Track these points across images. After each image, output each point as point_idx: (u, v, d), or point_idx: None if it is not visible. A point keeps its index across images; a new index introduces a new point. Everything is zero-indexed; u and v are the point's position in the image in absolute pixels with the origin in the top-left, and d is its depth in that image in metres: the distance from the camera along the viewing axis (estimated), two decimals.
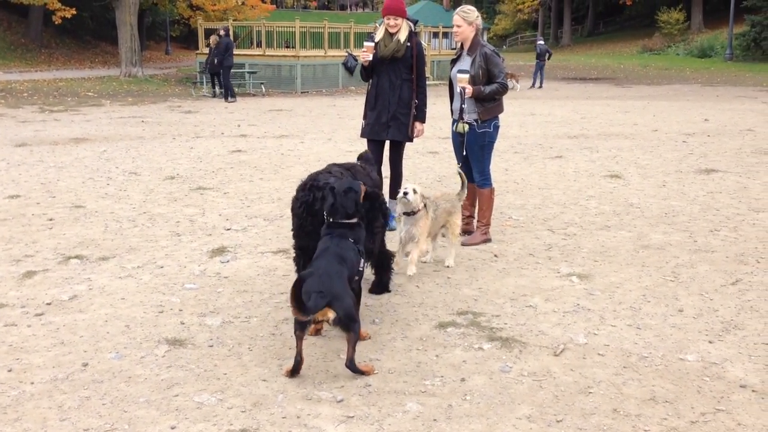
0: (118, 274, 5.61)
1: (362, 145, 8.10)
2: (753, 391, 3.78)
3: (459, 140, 6.54)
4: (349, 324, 3.86)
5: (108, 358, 4.13)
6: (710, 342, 4.38)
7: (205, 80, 24.32)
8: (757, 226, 6.98)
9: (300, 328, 3.84)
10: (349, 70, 7.43)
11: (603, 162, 10.65)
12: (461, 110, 6.35)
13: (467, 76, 6.20)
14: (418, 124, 6.93)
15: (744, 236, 6.66)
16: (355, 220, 4.38)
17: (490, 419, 3.52)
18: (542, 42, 29.45)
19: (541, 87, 27.65)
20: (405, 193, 5.45)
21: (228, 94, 21.14)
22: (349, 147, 12.08)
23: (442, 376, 3.95)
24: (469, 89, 6.19)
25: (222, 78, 21.63)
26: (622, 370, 4.03)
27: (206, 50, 23.68)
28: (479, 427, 3.44)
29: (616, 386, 3.85)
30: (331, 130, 14.66)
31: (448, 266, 5.88)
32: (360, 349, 4.31)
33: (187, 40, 52.23)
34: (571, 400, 3.70)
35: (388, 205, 7.20)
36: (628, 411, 3.59)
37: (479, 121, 6.33)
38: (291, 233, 4.82)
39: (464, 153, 6.44)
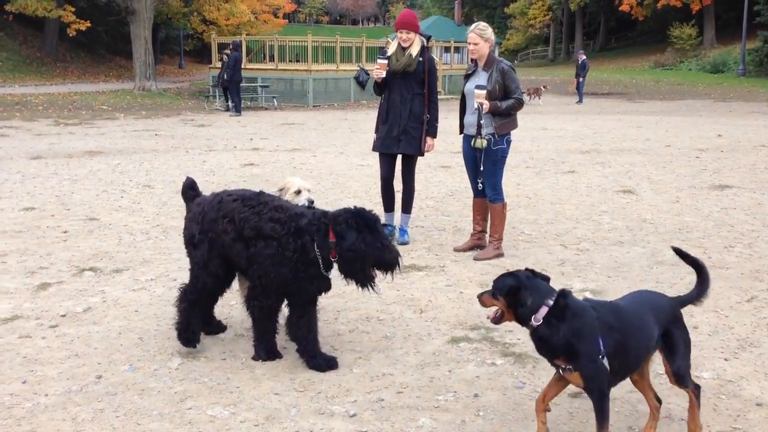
0: (131, 287, 5.64)
1: (374, 159, 8.13)
2: None
3: (472, 155, 6.55)
4: None
5: (122, 371, 4.14)
6: (726, 360, 4.35)
7: (218, 94, 24.50)
8: None
9: None
10: (361, 84, 7.49)
11: (616, 177, 10.62)
12: (479, 126, 6.35)
13: (485, 91, 6.23)
14: (429, 139, 6.95)
15: (759, 253, 6.61)
16: None
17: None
18: (585, 56, 28.92)
19: (580, 102, 27.52)
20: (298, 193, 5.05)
21: (235, 108, 21.28)
22: (361, 161, 12.12)
23: (455, 392, 3.94)
24: (486, 105, 6.21)
25: (229, 92, 21.80)
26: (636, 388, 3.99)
27: (219, 64, 23.86)
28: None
29: (631, 404, 3.82)
30: (342, 143, 14.71)
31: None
32: (372, 363, 4.31)
33: (201, 54, 52.64)
34: (585, 417, 3.67)
35: (402, 219, 7.26)
36: (641, 427, 3.56)
37: (496, 136, 6.34)
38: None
39: (481, 167, 6.45)
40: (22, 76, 32.77)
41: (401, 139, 6.90)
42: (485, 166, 6.42)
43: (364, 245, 3.96)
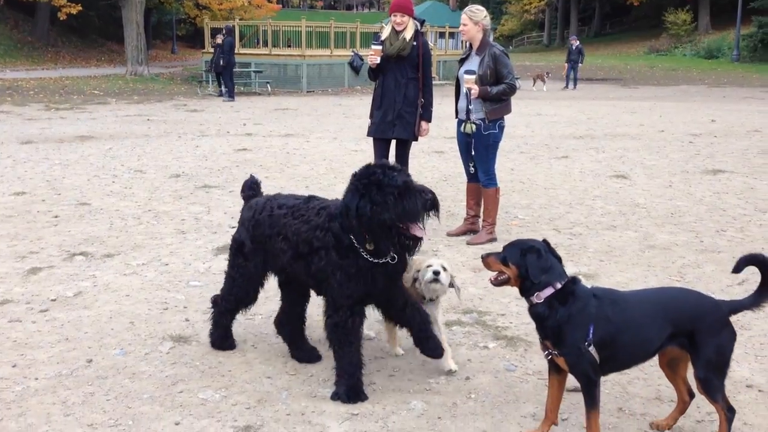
0: (122, 271, 5.62)
1: (368, 144, 8.10)
2: (759, 390, 3.76)
3: (465, 140, 6.53)
4: None
5: (112, 355, 4.12)
6: None
7: (210, 79, 24.36)
8: (764, 227, 6.94)
9: None
10: (355, 69, 7.42)
11: (609, 162, 10.61)
12: (468, 111, 6.33)
13: (474, 76, 6.19)
14: (423, 123, 6.92)
15: (750, 237, 6.62)
16: None
17: (495, 417, 3.50)
18: (578, 42, 28.71)
19: (575, 88, 27.31)
20: (436, 274, 3.98)
21: (228, 93, 21.19)
22: (355, 146, 12.08)
23: (447, 375, 3.94)
24: (475, 90, 6.17)
25: (222, 77, 21.69)
26: (628, 370, 3.99)
27: (212, 49, 23.73)
28: (484, 426, 3.42)
29: (621, 385, 3.83)
30: (336, 129, 14.66)
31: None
32: (364, 347, 4.30)
33: (193, 39, 52.29)
34: (576, 399, 3.67)
35: None
36: (633, 410, 3.58)
37: (486, 121, 6.31)
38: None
39: (473, 153, 6.43)
40: (13, 60, 32.52)
41: (396, 123, 6.87)
42: (477, 151, 6.40)
43: (370, 206, 3.41)
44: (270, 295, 5.12)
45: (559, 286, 3.14)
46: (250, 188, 4.30)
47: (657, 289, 3.38)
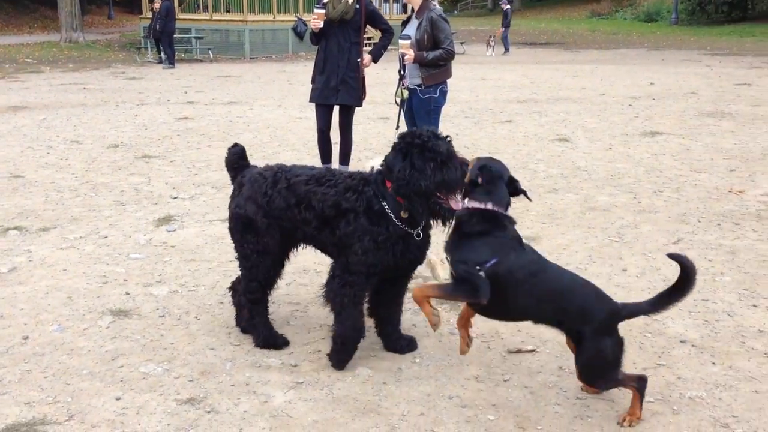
0: (59, 245, 5.46)
1: (313, 112, 8.01)
2: (692, 345, 3.90)
3: (408, 105, 6.50)
4: None
5: (49, 331, 4.02)
6: None
7: (149, 46, 23.65)
8: (699, 187, 7.14)
9: None
10: (299, 35, 7.31)
11: (552, 126, 10.74)
12: (401, 76, 6.30)
13: (409, 41, 6.12)
14: (368, 56, 6.88)
15: (686, 197, 6.81)
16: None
17: (439, 381, 3.55)
18: (509, 6, 28.65)
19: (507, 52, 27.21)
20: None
21: (168, 60, 20.63)
22: (300, 113, 11.94)
23: None
24: (409, 55, 6.10)
25: (161, 44, 21.08)
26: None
27: (150, 15, 23.00)
28: (428, 389, 3.46)
29: (561, 345, 3.89)
30: (281, 96, 14.45)
31: None
32: (309, 315, 4.30)
33: (131, 4, 50.43)
34: (518, 360, 3.76)
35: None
36: (573, 368, 3.66)
37: (423, 86, 6.26)
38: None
39: (401, 118, 6.41)
40: None
41: (339, 89, 6.81)
42: (419, 117, 6.37)
43: (409, 170, 3.30)
44: (213, 266, 5.07)
45: (490, 208, 3.19)
46: (241, 158, 3.96)
47: (572, 275, 3.30)
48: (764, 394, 3.40)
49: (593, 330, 3.12)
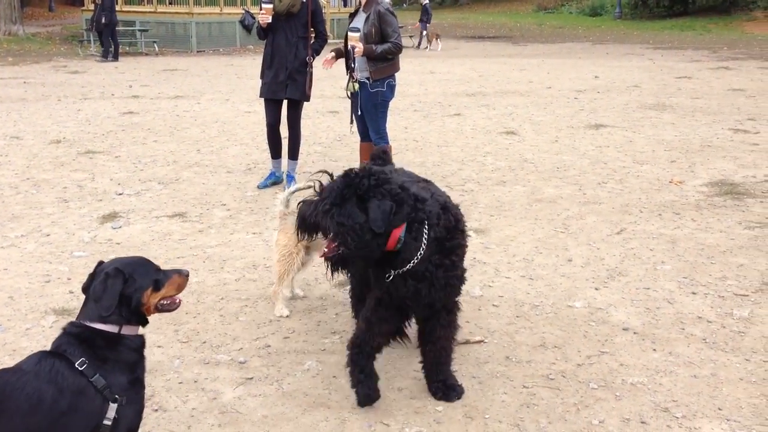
0: (0, 244, 5.32)
1: (261, 106, 7.94)
2: (634, 333, 4.01)
3: (354, 100, 6.50)
4: None
5: None
6: (596, 289, 4.60)
7: (92, 39, 23.06)
8: (641, 178, 7.33)
9: None
10: (247, 28, 7.22)
11: (499, 119, 10.87)
12: (351, 69, 6.30)
13: (358, 34, 6.11)
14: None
15: (629, 188, 6.99)
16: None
17: (389, 373, 3.58)
18: (428, 1, 28.71)
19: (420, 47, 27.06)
20: None
21: (108, 53, 20.16)
22: (248, 107, 11.82)
23: (341, 334, 3.98)
24: (359, 48, 6.10)
25: (103, 36, 20.58)
26: (515, 320, 4.18)
27: (93, 7, 22.41)
28: (378, 382, 3.48)
29: (509, 335, 3.99)
30: (229, 90, 14.28)
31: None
32: (259, 310, 4.28)
33: None
34: (466, 350, 3.81)
35: (288, 166, 7.17)
36: (520, 357, 3.74)
37: (371, 80, 6.27)
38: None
39: (359, 112, 6.42)
40: None
41: (288, 84, 6.76)
42: (366, 110, 6.37)
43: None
44: (160, 262, 4.97)
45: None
46: (380, 158, 3.78)
47: None
48: (703, 379, 3.52)
49: None
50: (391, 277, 3.12)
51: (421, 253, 3.06)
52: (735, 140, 9.09)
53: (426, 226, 3.07)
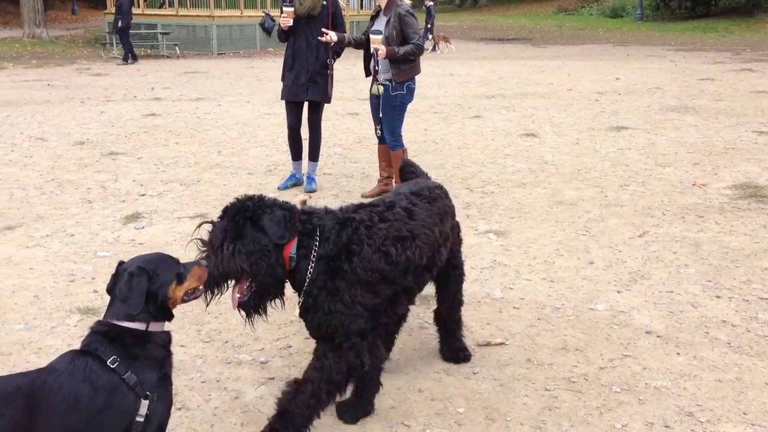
0: (25, 244, 5.38)
1: (281, 107, 7.98)
2: (658, 336, 3.98)
3: (375, 102, 6.51)
4: None
5: (16, 330, 3.97)
6: (618, 292, 4.57)
7: (114, 41, 23.30)
8: (663, 180, 7.27)
9: None
10: (267, 30, 7.26)
11: (519, 121, 10.84)
12: (375, 71, 6.31)
13: (380, 37, 6.14)
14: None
15: (651, 190, 6.93)
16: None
17: (410, 374, 3.58)
18: (432, 3, 28.60)
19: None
20: None
21: (128, 56, 20.37)
22: (268, 109, 11.88)
23: None
24: (382, 50, 6.12)
25: (122, 39, 20.80)
26: (536, 322, 4.16)
27: (114, 10, 22.64)
28: (399, 383, 3.49)
29: (530, 337, 3.97)
30: (249, 92, 14.36)
31: None
32: (280, 311, 4.29)
33: None
34: (487, 353, 3.80)
35: (309, 168, 7.19)
36: (542, 360, 3.72)
37: (393, 82, 6.29)
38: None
39: (380, 114, 6.43)
40: None
41: (309, 86, 6.78)
42: (384, 112, 6.38)
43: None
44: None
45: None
46: (409, 171, 3.80)
47: None
48: (727, 383, 3.49)
49: None
50: (300, 303, 2.98)
51: (310, 272, 2.89)
52: (759, 143, 8.99)
53: (316, 240, 2.90)
